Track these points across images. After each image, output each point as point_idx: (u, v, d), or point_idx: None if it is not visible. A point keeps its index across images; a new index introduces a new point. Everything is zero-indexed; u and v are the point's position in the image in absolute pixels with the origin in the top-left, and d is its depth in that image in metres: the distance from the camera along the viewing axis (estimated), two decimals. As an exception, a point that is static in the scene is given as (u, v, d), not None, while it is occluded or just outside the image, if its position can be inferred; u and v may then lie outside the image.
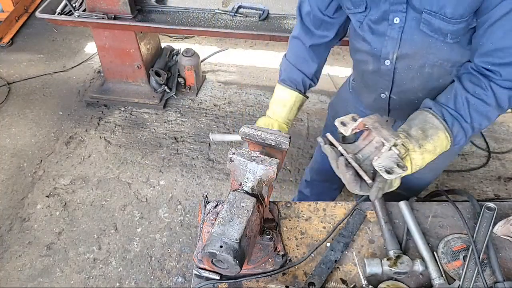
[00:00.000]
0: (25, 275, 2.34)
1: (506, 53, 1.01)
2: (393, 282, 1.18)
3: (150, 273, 2.35)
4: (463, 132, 1.09)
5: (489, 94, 1.05)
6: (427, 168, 1.53)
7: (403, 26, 1.12)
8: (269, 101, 1.50)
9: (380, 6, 1.13)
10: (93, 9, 2.80)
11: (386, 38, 1.18)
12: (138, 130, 3.15)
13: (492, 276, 1.18)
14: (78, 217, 2.60)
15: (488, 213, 1.27)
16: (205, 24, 2.76)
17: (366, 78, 1.39)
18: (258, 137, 1.16)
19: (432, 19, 1.05)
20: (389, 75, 1.28)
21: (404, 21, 1.11)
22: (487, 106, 1.06)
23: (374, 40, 1.22)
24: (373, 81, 1.36)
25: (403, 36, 1.14)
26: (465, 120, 1.08)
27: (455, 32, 1.06)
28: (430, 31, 1.08)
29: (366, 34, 1.23)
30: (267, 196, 1.18)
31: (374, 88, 1.38)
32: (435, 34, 1.09)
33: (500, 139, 3.05)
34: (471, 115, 1.07)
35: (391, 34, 1.16)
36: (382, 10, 1.13)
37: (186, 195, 2.73)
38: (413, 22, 1.10)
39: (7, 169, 2.89)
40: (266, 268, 1.20)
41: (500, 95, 1.05)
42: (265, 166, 1.08)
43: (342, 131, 1.00)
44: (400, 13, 1.10)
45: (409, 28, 1.12)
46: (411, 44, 1.16)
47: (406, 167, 0.93)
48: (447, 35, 1.07)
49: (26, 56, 3.86)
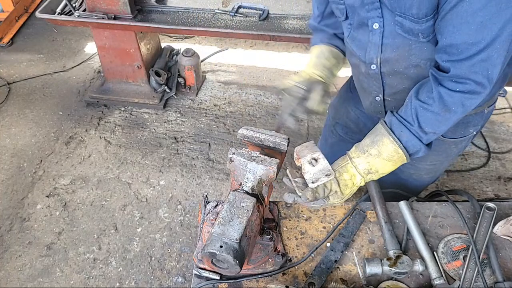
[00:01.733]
0: (25, 275, 2.34)
1: (454, 48, 1.00)
2: (393, 282, 1.18)
3: (150, 273, 2.35)
4: (414, 137, 1.11)
5: (435, 99, 1.07)
6: (424, 170, 1.55)
7: (383, 31, 1.16)
8: (269, 101, 1.52)
9: (358, 13, 1.18)
10: (93, 9, 2.80)
11: (369, 44, 1.22)
12: (138, 130, 3.15)
13: (492, 276, 1.18)
14: (78, 217, 2.60)
15: (488, 213, 1.27)
16: (205, 24, 2.76)
17: (361, 81, 1.41)
18: (257, 139, 1.15)
19: (403, 20, 1.08)
20: (378, 79, 1.31)
21: (383, 26, 1.15)
22: (433, 112, 1.08)
23: (359, 46, 1.27)
24: (367, 84, 1.38)
25: (384, 40, 1.18)
26: (411, 125, 1.11)
27: (424, 31, 1.08)
28: (404, 32, 1.11)
29: (352, 41, 1.29)
30: (267, 196, 1.18)
31: (369, 91, 1.40)
32: (409, 35, 1.11)
33: (500, 139, 3.05)
34: (419, 121, 1.10)
35: (373, 39, 1.20)
36: (361, 17, 1.18)
37: (186, 195, 2.73)
38: (391, 26, 1.13)
39: (7, 169, 2.88)
40: (266, 268, 1.20)
41: (448, 98, 1.05)
42: (265, 166, 1.08)
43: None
44: (378, 18, 1.14)
45: (389, 33, 1.15)
46: (392, 48, 1.19)
47: (331, 174, 1.11)
48: (419, 35, 1.10)
49: (26, 56, 3.86)
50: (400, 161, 1.14)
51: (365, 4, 1.13)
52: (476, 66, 0.99)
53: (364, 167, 1.14)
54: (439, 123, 1.10)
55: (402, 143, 1.11)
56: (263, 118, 3.21)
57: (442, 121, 1.09)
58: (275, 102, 3.34)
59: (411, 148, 1.12)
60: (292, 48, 3.90)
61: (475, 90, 1.03)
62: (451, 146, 1.44)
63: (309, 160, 1.12)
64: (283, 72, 3.62)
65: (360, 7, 1.15)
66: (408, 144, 1.12)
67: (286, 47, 3.90)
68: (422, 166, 1.54)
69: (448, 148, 1.44)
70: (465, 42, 0.98)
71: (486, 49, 0.97)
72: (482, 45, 0.96)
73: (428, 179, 1.65)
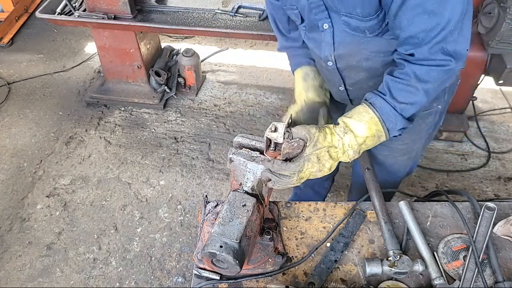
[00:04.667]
0: (25, 275, 2.34)
1: (415, 38, 1.08)
2: (393, 282, 1.18)
3: (150, 273, 2.35)
4: (387, 104, 1.14)
5: (409, 73, 1.12)
6: (398, 151, 1.61)
7: (333, 30, 1.25)
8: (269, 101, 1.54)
9: (308, 16, 1.27)
10: (93, 9, 2.80)
11: (322, 43, 1.31)
12: (138, 130, 3.15)
13: (492, 276, 1.18)
14: (78, 217, 2.60)
15: (488, 213, 1.27)
16: (205, 24, 2.76)
17: (324, 74, 1.49)
18: (253, 147, 1.15)
19: (349, 20, 1.17)
20: (336, 73, 1.40)
21: (332, 26, 1.24)
22: (404, 83, 1.13)
23: (315, 46, 1.37)
24: (329, 77, 1.47)
25: (335, 39, 1.27)
26: (384, 94, 1.16)
27: (370, 28, 1.17)
28: (351, 30, 1.21)
29: (309, 41, 1.39)
30: (267, 196, 1.18)
31: (332, 83, 1.49)
32: (356, 32, 1.20)
33: (500, 139, 3.05)
34: (391, 91, 1.14)
35: (326, 39, 1.29)
36: (311, 19, 1.26)
37: (186, 195, 2.73)
38: (340, 25, 1.22)
39: (7, 169, 2.89)
40: (266, 268, 1.20)
41: (416, 69, 1.11)
42: (265, 166, 1.08)
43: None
44: (326, 19, 1.23)
45: (338, 32, 1.24)
46: (343, 45, 1.28)
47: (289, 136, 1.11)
48: (366, 32, 1.19)
49: (26, 56, 3.86)
50: (374, 125, 1.15)
51: (312, 8, 1.21)
52: (434, 48, 1.07)
53: (340, 126, 1.15)
54: (410, 94, 1.13)
55: (375, 108, 1.15)
56: (263, 118, 3.21)
57: (413, 91, 1.13)
58: (275, 102, 3.34)
59: (385, 115, 1.15)
60: (292, 48, 3.89)
61: (441, 64, 1.09)
62: (418, 121, 1.45)
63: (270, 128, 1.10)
64: (283, 72, 3.62)
65: (309, 11, 1.23)
66: (383, 111, 1.15)
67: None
68: (394, 146, 1.59)
69: (415, 124, 1.40)
70: (423, 31, 1.05)
71: (441, 32, 1.04)
72: (439, 29, 1.04)
73: (404, 161, 1.70)
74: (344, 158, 1.15)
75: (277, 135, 1.07)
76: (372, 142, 1.17)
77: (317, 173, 1.12)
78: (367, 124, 1.14)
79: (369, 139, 1.16)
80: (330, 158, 1.12)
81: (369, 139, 1.16)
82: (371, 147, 1.19)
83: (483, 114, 3.20)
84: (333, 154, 1.13)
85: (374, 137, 1.16)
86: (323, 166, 1.12)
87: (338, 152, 1.14)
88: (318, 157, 1.11)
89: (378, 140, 1.18)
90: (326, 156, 1.12)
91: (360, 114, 1.16)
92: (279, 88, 3.48)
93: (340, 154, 1.14)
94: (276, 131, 1.08)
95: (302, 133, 1.10)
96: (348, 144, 1.13)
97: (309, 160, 1.10)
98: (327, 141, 1.12)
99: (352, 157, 1.16)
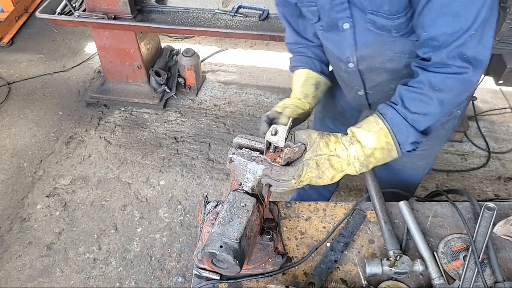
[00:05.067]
0: (25, 275, 2.34)
1: (435, 41, 1.05)
2: (393, 282, 1.18)
3: (150, 273, 2.35)
4: (398, 115, 1.10)
5: (423, 82, 1.08)
6: (417, 157, 1.57)
7: (354, 31, 1.20)
8: (269, 101, 1.53)
9: (329, 15, 1.21)
10: (93, 9, 2.80)
11: (343, 44, 1.26)
12: (138, 130, 3.15)
13: (492, 276, 1.18)
14: (78, 217, 2.60)
15: (488, 213, 1.27)
16: (205, 24, 2.76)
17: (342, 77, 1.45)
18: (252, 147, 1.15)
19: (375, 17, 1.12)
20: (357, 75, 1.35)
21: (353, 25, 1.19)
22: (417, 92, 1.09)
23: (334, 46, 1.31)
24: (348, 80, 1.43)
25: (357, 39, 1.22)
26: (395, 104, 1.11)
27: (396, 27, 1.12)
28: (376, 29, 1.15)
29: (327, 41, 1.33)
30: (267, 196, 1.18)
31: (350, 87, 1.45)
32: (381, 31, 1.15)
33: (500, 139, 3.05)
34: (403, 101, 1.10)
35: (346, 39, 1.24)
36: (331, 18, 1.21)
37: (186, 195, 2.73)
38: (362, 24, 1.17)
39: (7, 169, 2.88)
40: (266, 268, 1.20)
41: (431, 77, 1.07)
42: (265, 166, 1.08)
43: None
44: (347, 18, 1.18)
45: (360, 31, 1.19)
46: (366, 45, 1.23)
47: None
48: (391, 31, 1.14)
49: (26, 56, 3.86)
50: (384, 137, 1.09)
51: (334, 5, 1.16)
52: (452, 52, 1.03)
53: (348, 136, 1.11)
54: (423, 103, 1.08)
55: (386, 119, 1.11)
56: (263, 118, 3.20)
57: (427, 101, 1.08)
58: (275, 102, 3.33)
59: (395, 126, 1.09)
60: (292, 48, 3.89)
61: (458, 71, 1.05)
62: (438, 128, 1.42)
63: (271, 131, 1.07)
64: (283, 72, 3.62)
65: (330, 8, 1.18)
66: (393, 122, 1.10)
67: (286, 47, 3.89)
68: (414, 152, 1.55)
69: (436, 130, 1.44)
70: (444, 33, 1.02)
71: (461, 36, 1.01)
72: (460, 34, 1.00)
73: (423, 165, 1.67)
74: (350, 170, 1.10)
75: (277, 139, 1.06)
76: (382, 156, 1.11)
77: (317, 179, 1.09)
78: (376, 135, 1.09)
79: (378, 152, 1.10)
80: (331, 167, 1.08)
81: (378, 152, 1.10)
82: (381, 162, 1.13)
83: (483, 114, 3.21)
84: (335, 164, 1.08)
85: (383, 150, 1.10)
86: (322, 173, 1.08)
87: (342, 162, 1.09)
88: (318, 163, 1.07)
89: (388, 155, 1.12)
90: (326, 164, 1.08)
91: (370, 124, 1.11)
92: (279, 88, 3.48)
93: (345, 165, 1.09)
94: (277, 134, 1.07)
95: (303, 136, 1.09)
96: (354, 155, 1.08)
97: (308, 165, 1.07)
98: (328, 149, 1.08)
99: (358, 170, 1.10)
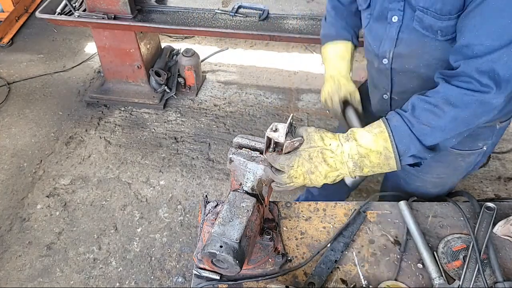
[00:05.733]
0: (25, 275, 2.34)
1: (470, 50, 0.98)
2: (393, 282, 1.18)
3: (150, 273, 2.35)
4: (403, 123, 1.04)
5: (438, 91, 1.03)
6: (430, 183, 1.51)
7: (400, 25, 1.16)
8: (269, 101, 1.51)
9: (381, 4, 1.18)
10: (93, 9, 2.80)
11: (384, 36, 1.22)
12: (138, 130, 3.15)
13: (492, 276, 1.18)
14: (78, 217, 2.60)
15: (488, 213, 1.27)
16: (205, 24, 2.76)
17: (373, 77, 1.43)
18: (252, 147, 1.15)
19: (424, 16, 1.08)
20: (387, 75, 1.32)
21: (402, 19, 1.15)
22: (430, 103, 1.03)
23: (375, 38, 1.28)
24: (378, 81, 1.40)
25: (400, 35, 1.18)
26: (404, 111, 1.06)
27: (444, 29, 1.07)
28: (422, 28, 1.11)
29: (369, 32, 1.30)
30: (267, 196, 1.18)
31: (379, 89, 1.41)
32: (427, 32, 1.11)
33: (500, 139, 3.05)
34: (414, 108, 1.04)
35: (389, 32, 1.20)
36: (382, 7, 1.18)
37: (186, 195, 2.73)
38: (409, 21, 1.13)
39: (7, 169, 2.88)
40: (266, 268, 1.20)
41: (449, 90, 1.01)
42: (265, 166, 1.08)
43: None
44: (398, 11, 1.14)
45: (406, 27, 1.15)
46: (407, 43, 1.19)
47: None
48: (438, 32, 1.09)
49: (26, 56, 3.86)
50: (383, 140, 1.03)
51: None
52: (483, 65, 0.96)
53: (346, 133, 1.08)
54: (434, 115, 1.02)
55: (389, 124, 1.05)
56: (263, 118, 3.21)
57: (439, 114, 1.01)
58: (275, 102, 3.34)
59: (397, 133, 1.03)
60: (292, 48, 3.90)
61: (480, 90, 0.97)
62: (458, 159, 1.40)
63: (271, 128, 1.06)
64: (283, 72, 3.63)
65: None
66: (396, 129, 1.04)
67: (286, 47, 3.89)
68: (428, 178, 1.48)
69: (454, 160, 1.38)
70: (481, 44, 0.96)
71: (498, 50, 0.94)
72: (498, 47, 0.94)
73: (436, 193, 1.56)
74: (344, 170, 1.05)
75: (278, 135, 1.07)
76: (378, 162, 1.04)
77: (310, 175, 1.04)
78: (374, 136, 1.04)
79: (374, 155, 1.03)
80: (323, 162, 1.03)
81: (374, 155, 1.03)
82: (377, 169, 1.06)
83: (483, 114, 3.20)
84: (328, 159, 1.03)
85: (380, 155, 1.03)
86: (315, 168, 1.03)
87: (335, 159, 1.03)
88: (310, 155, 1.03)
89: (386, 162, 1.04)
90: (319, 158, 1.03)
91: (371, 126, 1.07)
92: (279, 88, 3.48)
93: (338, 163, 1.04)
94: (277, 131, 1.07)
95: (301, 131, 1.08)
96: (348, 153, 1.03)
97: (300, 156, 1.03)
98: (323, 143, 1.04)
99: (352, 171, 1.04)
